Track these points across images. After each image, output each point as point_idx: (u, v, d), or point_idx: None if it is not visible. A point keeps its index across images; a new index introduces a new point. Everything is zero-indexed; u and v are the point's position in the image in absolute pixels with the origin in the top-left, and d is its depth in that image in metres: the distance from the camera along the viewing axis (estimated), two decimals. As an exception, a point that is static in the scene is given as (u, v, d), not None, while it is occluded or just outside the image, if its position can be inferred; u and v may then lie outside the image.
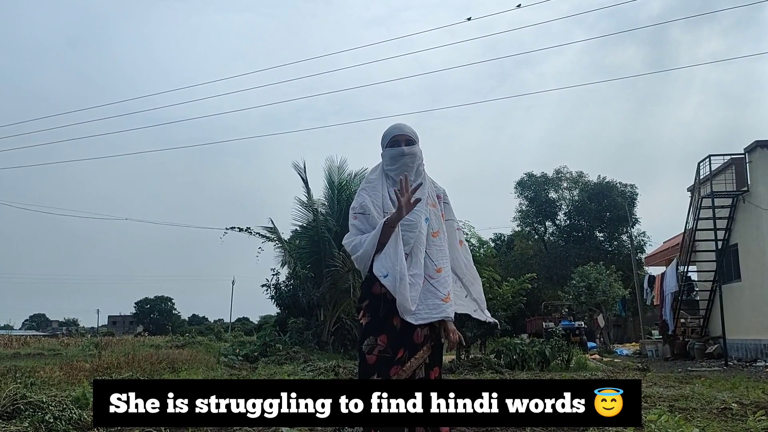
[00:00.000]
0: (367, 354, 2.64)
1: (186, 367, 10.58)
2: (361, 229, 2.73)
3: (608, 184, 40.67)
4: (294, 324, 17.15)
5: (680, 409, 5.52)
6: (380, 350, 2.61)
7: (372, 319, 2.68)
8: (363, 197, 2.77)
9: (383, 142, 2.88)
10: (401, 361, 2.59)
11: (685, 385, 7.95)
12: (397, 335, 2.62)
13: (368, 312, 2.71)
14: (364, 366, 2.65)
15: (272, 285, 18.66)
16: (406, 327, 2.62)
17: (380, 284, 2.65)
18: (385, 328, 2.64)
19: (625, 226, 37.00)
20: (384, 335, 2.63)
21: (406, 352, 2.60)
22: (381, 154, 2.92)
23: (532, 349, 11.73)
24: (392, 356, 2.59)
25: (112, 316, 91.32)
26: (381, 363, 2.59)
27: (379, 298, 2.68)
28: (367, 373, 2.63)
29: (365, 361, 2.65)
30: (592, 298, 24.51)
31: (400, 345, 2.61)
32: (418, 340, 2.63)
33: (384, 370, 2.57)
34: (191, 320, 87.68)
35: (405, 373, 2.57)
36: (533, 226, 44.58)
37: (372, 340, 2.64)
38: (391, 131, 2.86)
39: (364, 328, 2.70)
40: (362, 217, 2.74)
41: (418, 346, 2.62)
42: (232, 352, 15.14)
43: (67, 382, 7.82)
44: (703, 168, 16.78)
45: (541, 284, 36.52)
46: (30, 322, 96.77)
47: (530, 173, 43.20)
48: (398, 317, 2.62)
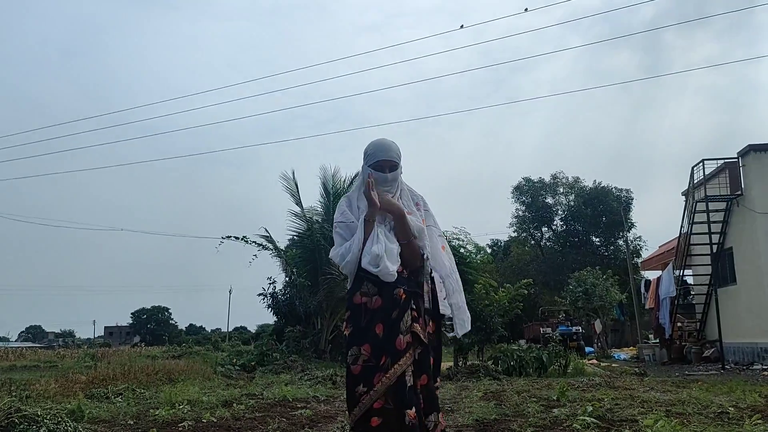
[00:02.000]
0: (351, 365, 2.67)
1: (183, 378, 10.53)
2: (345, 236, 2.82)
3: (604, 189, 40.84)
4: (291, 333, 17.11)
5: (677, 414, 5.53)
6: (364, 359, 2.64)
7: (354, 329, 2.72)
8: (342, 208, 2.89)
9: (367, 161, 2.90)
10: (384, 367, 2.59)
11: (682, 390, 7.96)
12: (379, 343, 2.64)
13: (350, 322, 2.76)
14: (350, 377, 2.68)
15: (269, 294, 18.61)
16: (389, 334, 2.64)
17: (360, 294, 2.72)
18: (368, 336, 2.66)
19: (621, 230, 37.11)
20: (367, 344, 2.66)
21: (388, 359, 2.60)
22: (362, 167, 2.95)
23: (529, 355, 11.73)
24: (375, 364, 2.61)
25: (109, 327, 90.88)
26: (365, 372, 2.61)
27: (360, 308, 2.72)
28: (353, 383, 2.65)
29: (351, 372, 2.67)
30: (589, 303, 24.52)
31: (382, 352, 2.62)
32: (401, 347, 2.63)
33: (368, 378, 2.59)
34: (188, 330, 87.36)
35: (389, 380, 2.58)
36: (530, 231, 44.69)
37: (356, 350, 2.67)
38: (376, 153, 2.88)
39: (348, 339, 2.74)
40: (343, 226, 2.83)
41: (401, 352, 2.62)
42: (230, 362, 15.07)
43: (63, 394, 7.77)
44: (697, 172, 16.86)
45: (538, 290, 36.57)
46: (26, 333, 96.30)
47: (527, 178, 43.36)
48: (380, 325, 2.65)
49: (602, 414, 5.37)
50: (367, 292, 2.73)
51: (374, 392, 2.57)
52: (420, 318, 2.75)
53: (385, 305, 2.69)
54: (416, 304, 2.77)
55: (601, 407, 5.69)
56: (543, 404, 6.44)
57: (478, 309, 13.33)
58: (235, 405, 6.83)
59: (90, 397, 7.61)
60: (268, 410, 6.62)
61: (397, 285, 2.72)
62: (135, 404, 7.14)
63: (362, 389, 2.60)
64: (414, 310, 2.74)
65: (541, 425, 5.08)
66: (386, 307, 2.69)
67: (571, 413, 5.57)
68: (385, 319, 2.67)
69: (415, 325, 2.72)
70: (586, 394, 7.40)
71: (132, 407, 6.85)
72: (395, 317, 2.67)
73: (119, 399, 7.67)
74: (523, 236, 45.42)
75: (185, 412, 6.22)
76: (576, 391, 7.62)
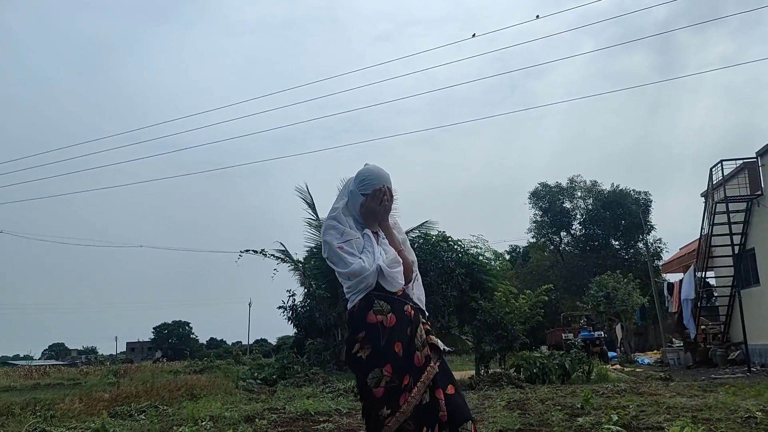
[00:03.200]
0: (374, 388, 2.55)
1: (205, 394, 10.57)
2: (354, 253, 2.71)
3: (622, 192, 40.47)
4: (312, 345, 17.13)
5: (703, 419, 5.43)
6: (387, 381, 2.54)
7: (373, 350, 2.60)
8: (339, 230, 2.77)
9: (362, 189, 2.82)
10: (408, 387, 2.54)
11: (708, 394, 7.82)
12: (400, 362, 2.58)
13: (368, 343, 2.62)
14: (372, 401, 2.56)
15: (289, 306, 18.68)
16: (407, 352, 2.60)
17: (374, 313, 2.64)
18: (389, 356, 2.57)
19: (640, 233, 36.70)
20: (389, 365, 2.56)
21: (411, 378, 2.56)
22: (352, 193, 2.85)
23: (552, 363, 11.60)
24: (399, 384, 2.55)
25: (131, 343, 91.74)
26: (389, 394, 2.54)
27: (377, 327, 2.62)
28: (376, 407, 2.54)
29: (373, 395, 2.55)
30: (611, 308, 24.25)
31: (404, 371, 2.57)
32: (419, 363, 2.60)
33: (393, 400, 2.52)
34: (209, 344, 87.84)
35: (414, 398, 2.53)
36: (548, 236, 44.38)
37: (378, 373, 2.55)
38: (376, 181, 2.82)
39: (366, 361, 2.60)
40: (350, 244, 2.73)
41: (420, 369, 2.59)
42: (251, 376, 15.11)
43: (87, 413, 7.86)
44: (716, 173, 16.64)
45: (559, 295, 36.22)
46: (49, 351, 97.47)
47: (544, 183, 43.11)
48: (399, 343, 2.59)
49: (627, 422, 5.31)
50: (380, 310, 2.65)
51: (401, 413, 2.50)
52: (432, 331, 2.75)
53: (399, 323, 2.65)
54: (424, 318, 2.79)
55: (627, 414, 5.62)
56: (567, 413, 6.37)
57: (498, 317, 13.23)
58: (258, 420, 6.84)
59: (114, 415, 7.69)
60: (291, 425, 6.63)
61: (405, 301, 2.73)
62: (158, 422, 7.18)
63: (386, 412, 2.50)
64: (425, 323, 2.76)
65: (566, 435, 5.02)
66: (401, 325, 2.65)
67: (595, 421, 5.51)
68: (402, 338, 2.62)
69: (431, 336, 2.72)
70: (611, 401, 7.30)
71: (155, 425, 6.90)
72: (410, 334, 2.65)
73: (142, 417, 7.73)
74: (542, 242, 45.11)
75: (208, 429, 6.25)
76: (600, 398, 7.53)
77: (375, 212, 2.82)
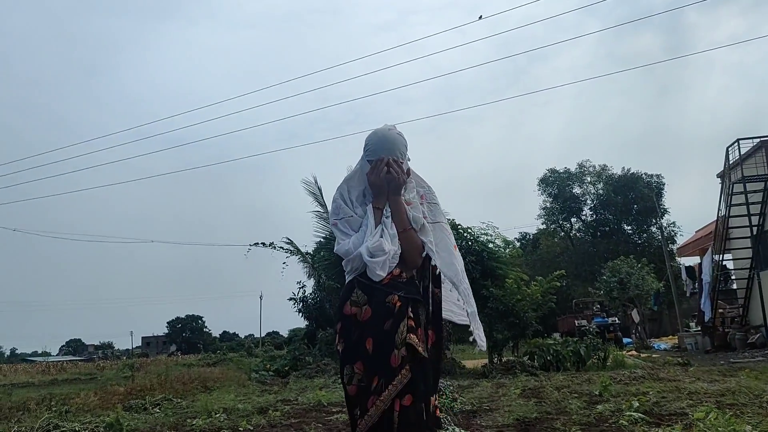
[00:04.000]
0: (348, 385, 2.39)
1: (218, 386, 10.57)
2: (347, 232, 2.53)
3: (633, 176, 40.07)
4: (323, 336, 17.09)
5: (728, 405, 5.28)
6: (358, 379, 2.36)
7: (346, 344, 2.42)
8: (337, 204, 2.59)
9: (368, 155, 2.58)
10: (377, 390, 2.30)
11: (729, 379, 7.66)
12: (371, 361, 2.35)
13: (342, 336, 2.46)
14: (348, 398, 2.41)
15: (299, 298, 18.67)
16: (381, 350, 2.33)
17: (350, 304, 2.44)
18: (360, 353, 2.37)
19: (653, 217, 36.34)
20: (359, 362, 2.37)
21: (382, 380, 2.30)
22: (362, 159, 2.62)
23: (566, 349, 11.47)
24: (367, 385, 2.33)
25: (146, 337, 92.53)
26: (360, 394, 2.35)
27: (350, 320, 2.43)
28: (350, 406, 2.41)
29: (347, 393, 2.40)
30: (625, 293, 24.03)
31: (374, 372, 2.33)
32: (395, 363, 2.31)
33: (362, 402, 2.33)
34: (222, 337, 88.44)
35: (383, 403, 2.29)
36: (558, 223, 44.10)
37: (349, 369, 2.39)
38: (377, 150, 2.55)
39: (341, 355, 2.45)
40: (343, 222, 2.54)
41: (395, 370, 2.31)
42: (263, 368, 15.12)
43: (102, 407, 7.84)
44: (732, 153, 16.36)
45: (570, 281, 36.02)
46: (66, 347, 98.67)
47: (553, 169, 42.80)
48: (371, 339, 2.35)
49: (649, 408, 5.17)
50: (356, 302, 2.43)
51: (368, 417, 2.30)
52: (419, 328, 2.41)
53: (374, 316, 2.38)
54: (414, 312, 2.43)
55: (647, 401, 5.48)
56: (585, 400, 6.24)
57: (510, 304, 13.09)
58: (271, 411, 6.79)
59: (128, 408, 7.65)
60: (304, 416, 6.56)
61: (392, 291, 2.40)
62: (172, 414, 7.15)
63: (357, 412, 2.34)
64: (411, 318, 2.39)
65: (586, 423, 4.90)
66: (377, 319, 2.38)
67: (615, 408, 5.37)
68: (376, 334, 2.36)
69: (411, 336, 2.35)
70: (629, 387, 7.16)
71: (169, 417, 6.86)
72: (388, 329, 2.35)
73: (157, 410, 7.70)
74: (552, 228, 44.85)
75: (222, 421, 6.19)
76: (619, 385, 7.39)
77: (378, 185, 2.52)
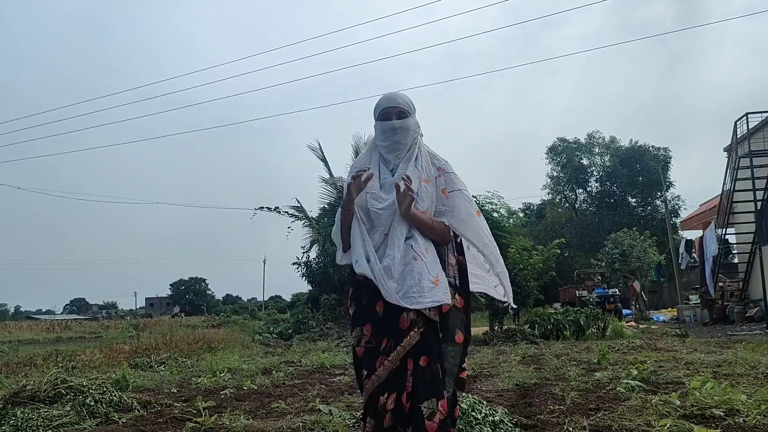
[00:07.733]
0: (356, 347, 2.51)
1: (223, 347, 10.73)
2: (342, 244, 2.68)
3: (641, 149, 39.75)
4: (326, 301, 17.26)
5: (724, 375, 5.37)
6: (366, 341, 2.47)
7: (357, 308, 2.55)
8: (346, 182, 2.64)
9: (375, 114, 2.67)
10: (386, 350, 2.39)
11: (726, 350, 7.76)
12: (380, 323, 2.44)
13: (353, 301, 2.59)
14: (355, 359, 2.53)
15: (303, 263, 18.76)
16: (391, 312, 2.39)
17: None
18: (369, 316, 2.48)
19: (658, 190, 36.19)
20: (369, 324, 2.48)
21: (391, 341, 2.39)
22: (373, 126, 2.70)
23: (566, 319, 11.59)
24: (376, 346, 2.43)
25: (150, 298, 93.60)
26: (367, 355, 2.45)
27: (361, 285, 2.51)
28: (357, 366, 2.52)
29: (355, 354, 2.52)
30: (626, 265, 24.11)
31: (383, 333, 2.42)
32: (404, 326, 2.37)
33: (370, 362, 2.42)
34: (225, 300, 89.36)
35: (391, 363, 2.37)
36: (564, 193, 43.95)
37: (359, 331, 2.50)
38: (381, 103, 2.65)
39: (352, 318, 2.57)
40: (341, 210, 2.64)
41: (404, 332, 2.37)
42: (267, 331, 15.33)
43: (108, 364, 7.99)
44: (740, 127, 16.19)
45: (574, 252, 36.10)
46: (71, 306, 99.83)
47: (562, 138, 42.40)
48: (381, 302, 2.41)
49: (646, 377, 5.26)
50: None
51: (376, 376, 2.39)
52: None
53: None
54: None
55: (645, 370, 5.57)
56: (584, 368, 6.34)
57: (513, 273, 13.18)
58: (275, 372, 6.92)
59: (134, 366, 7.81)
60: (307, 377, 6.69)
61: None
62: (178, 372, 7.29)
63: (365, 372, 2.45)
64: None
65: (584, 389, 4.99)
66: None
67: (613, 376, 5.47)
68: None
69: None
70: (627, 356, 7.27)
71: (175, 375, 7.00)
72: None
73: (162, 368, 7.85)
74: (558, 198, 44.71)
75: (226, 380, 6.32)
76: (617, 354, 7.50)
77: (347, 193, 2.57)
